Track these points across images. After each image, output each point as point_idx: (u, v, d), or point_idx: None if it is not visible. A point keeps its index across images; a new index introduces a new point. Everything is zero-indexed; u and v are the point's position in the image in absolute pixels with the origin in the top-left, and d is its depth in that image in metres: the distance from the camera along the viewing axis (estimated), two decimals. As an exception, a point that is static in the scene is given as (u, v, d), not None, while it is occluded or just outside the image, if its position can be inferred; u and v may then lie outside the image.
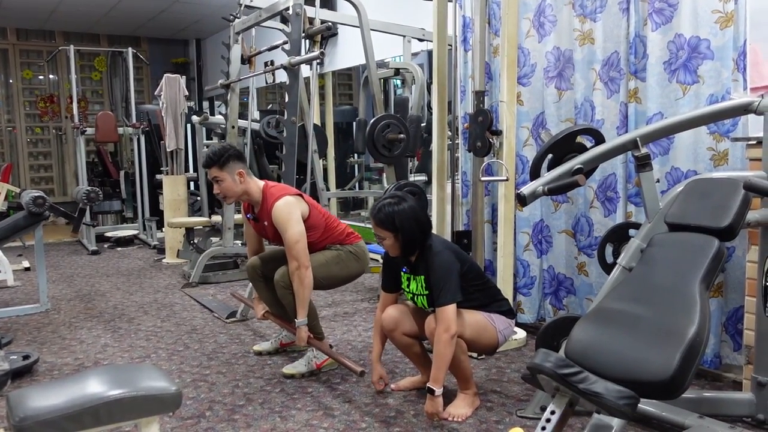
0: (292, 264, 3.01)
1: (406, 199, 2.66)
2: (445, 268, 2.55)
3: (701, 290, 1.96)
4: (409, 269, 2.74)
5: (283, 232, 3.03)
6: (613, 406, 1.71)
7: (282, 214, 3.04)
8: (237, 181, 3.10)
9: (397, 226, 2.58)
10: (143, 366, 2.06)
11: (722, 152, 2.84)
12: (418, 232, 2.61)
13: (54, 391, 1.80)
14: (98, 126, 7.65)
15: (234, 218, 5.34)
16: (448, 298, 2.50)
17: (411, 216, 2.60)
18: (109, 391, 1.75)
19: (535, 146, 3.57)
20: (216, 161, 3.07)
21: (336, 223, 3.30)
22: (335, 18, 5.31)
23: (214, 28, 10.42)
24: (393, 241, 2.62)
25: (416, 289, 2.71)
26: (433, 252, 2.60)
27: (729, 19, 2.76)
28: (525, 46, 3.54)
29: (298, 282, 3.01)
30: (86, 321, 4.24)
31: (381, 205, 2.63)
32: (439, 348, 2.49)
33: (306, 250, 3.03)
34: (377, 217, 2.62)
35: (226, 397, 2.89)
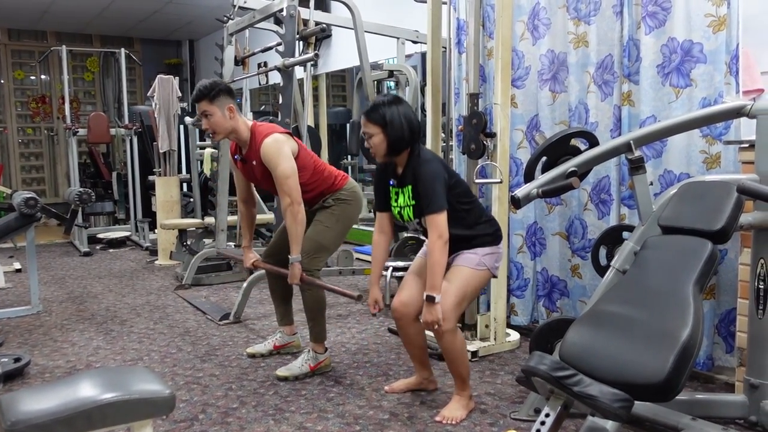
0: (285, 200, 2.98)
1: (401, 101, 2.64)
2: (434, 176, 2.53)
3: (695, 293, 1.97)
4: (396, 182, 2.70)
5: (273, 168, 2.98)
6: (608, 409, 1.71)
7: (271, 150, 2.98)
8: (227, 116, 3.02)
9: (386, 121, 2.55)
10: (136, 369, 2.04)
11: (715, 155, 2.85)
12: (407, 131, 2.58)
13: (46, 394, 1.78)
14: (90, 127, 7.62)
15: (227, 220, 5.33)
16: (438, 205, 2.50)
17: (402, 114, 2.58)
18: (102, 394, 1.74)
19: (529, 149, 3.58)
20: (206, 94, 2.98)
21: (324, 166, 3.25)
22: (329, 20, 5.31)
23: (207, 29, 10.40)
24: (381, 139, 2.58)
25: (403, 201, 2.69)
26: (421, 160, 2.59)
27: (722, 23, 2.78)
28: (519, 49, 3.55)
29: (291, 218, 2.98)
30: (78, 323, 4.22)
31: (374, 102, 2.63)
32: (434, 254, 2.49)
33: (298, 185, 3.00)
34: (369, 112, 2.61)
35: (219, 400, 2.88)
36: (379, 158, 2.68)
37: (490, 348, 3.40)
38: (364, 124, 2.64)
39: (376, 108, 2.60)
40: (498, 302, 3.41)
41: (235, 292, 4.99)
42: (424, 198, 2.53)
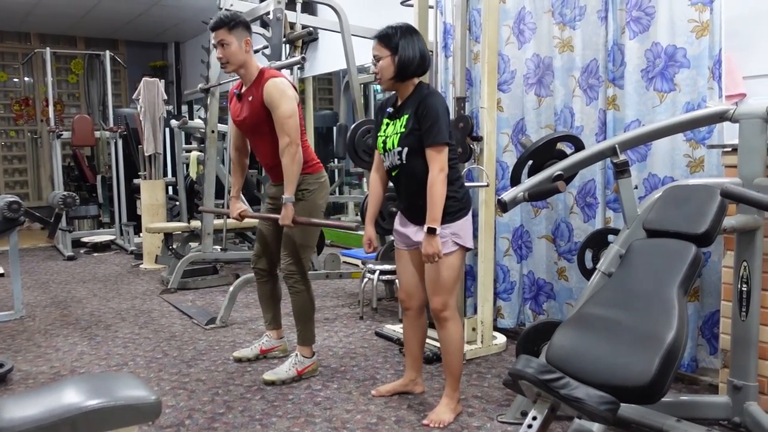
0: (284, 140, 2.95)
1: (414, 30, 2.63)
2: (442, 108, 2.52)
3: (679, 295, 1.99)
4: (394, 111, 2.66)
5: (276, 107, 2.95)
6: (594, 412, 1.72)
7: (278, 88, 2.96)
8: (242, 49, 3.01)
9: (398, 47, 2.53)
10: (121, 374, 2.03)
11: (698, 159, 2.88)
12: (418, 59, 2.55)
13: (29, 401, 1.76)
14: (75, 129, 7.55)
15: (213, 223, 5.30)
16: (442, 137, 2.48)
17: (415, 42, 2.56)
18: (86, 400, 1.71)
19: (515, 152, 3.60)
20: (226, 23, 2.96)
21: (306, 143, 3.19)
22: (316, 23, 5.29)
23: (193, 31, 10.35)
24: (389, 62, 2.55)
25: (392, 130, 2.63)
26: (430, 92, 2.57)
27: (705, 29, 2.81)
28: (505, 53, 3.57)
29: (289, 158, 2.95)
30: (62, 328, 4.18)
31: (387, 27, 2.60)
32: (436, 188, 2.46)
33: (298, 127, 2.98)
34: (381, 34, 2.58)
35: (206, 405, 2.86)
36: (383, 84, 2.63)
37: (476, 351, 3.41)
38: (374, 47, 2.61)
39: (387, 32, 2.58)
40: (485, 305, 3.42)
41: (221, 296, 4.96)
42: (429, 129, 2.48)
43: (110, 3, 8.50)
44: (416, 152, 2.54)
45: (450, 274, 2.59)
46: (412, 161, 2.56)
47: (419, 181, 2.54)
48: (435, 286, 2.61)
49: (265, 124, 3.03)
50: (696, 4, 2.82)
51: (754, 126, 2.38)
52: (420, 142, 2.52)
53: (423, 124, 2.50)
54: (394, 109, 2.66)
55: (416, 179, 2.55)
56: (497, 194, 3.51)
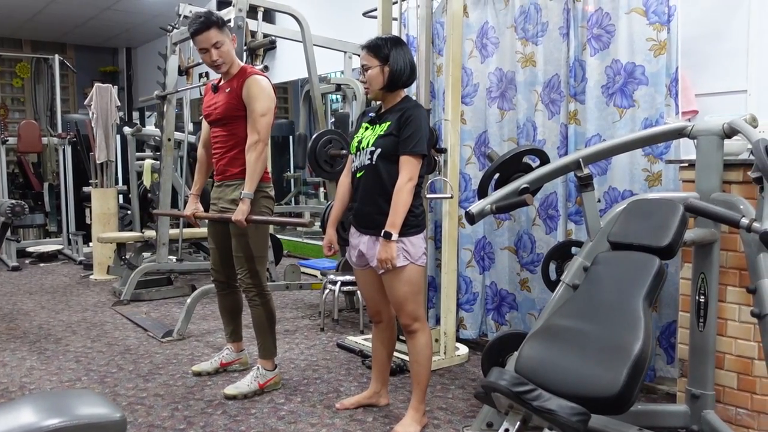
0: (253, 136, 2.90)
1: (402, 42, 2.65)
2: (424, 122, 2.56)
3: (644, 307, 2.04)
4: (374, 118, 2.66)
5: (252, 101, 2.90)
6: (566, 423, 1.74)
7: (259, 85, 2.92)
8: (232, 47, 2.97)
9: (388, 57, 2.55)
10: (81, 391, 1.95)
11: (656, 173, 2.97)
12: (408, 70, 2.59)
13: (-15, 420, 1.68)
14: (21, 135, 7.29)
15: (169, 233, 5.18)
16: (420, 148, 2.50)
17: (404, 53, 2.59)
18: (46, 420, 1.63)
19: (478, 164, 3.64)
20: (215, 22, 2.88)
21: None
22: (275, 31, 5.26)
23: (146, 37, 10.16)
24: (378, 72, 2.56)
25: (370, 132, 2.62)
26: (417, 104, 2.63)
27: (662, 47, 2.90)
28: (468, 67, 3.61)
29: (255, 155, 2.90)
30: (9, 342, 4.00)
31: (377, 38, 2.62)
32: (401, 195, 2.48)
33: (269, 128, 2.95)
34: (372, 44, 2.58)
35: (166, 421, 2.78)
36: (372, 93, 2.64)
37: (440, 362, 3.42)
38: (363, 57, 2.61)
39: (378, 43, 2.59)
40: (448, 316, 3.43)
41: (177, 307, 4.85)
42: (410, 138, 2.50)
43: (60, 6, 8.27)
44: (387, 157, 2.54)
45: (408, 289, 2.59)
46: (380, 164, 2.56)
47: (380, 186, 2.56)
48: (398, 304, 2.62)
49: (235, 117, 2.98)
50: (654, 24, 2.91)
51: (711, 142, 2.46)
52: (395, 148, 2.53)
53: (404, 131, 2.51)
54: (376, 115, 2.67)
55: (378, 183, 2.56)
56: (460, 206, 3.54)
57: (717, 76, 3.22)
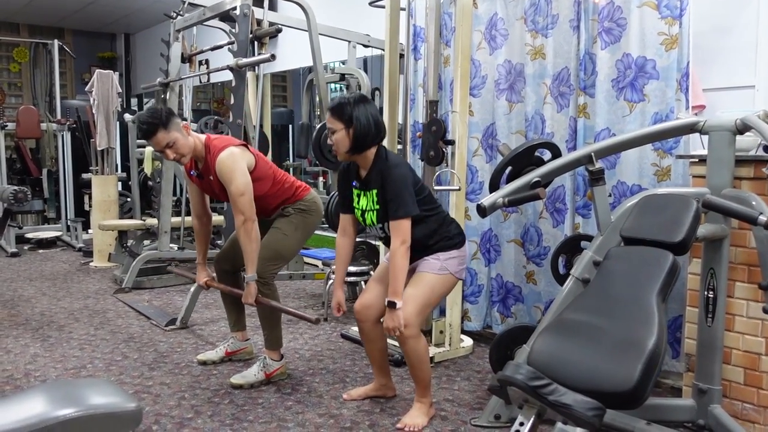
0: (238, 218, 2.91)
1: (367, 99, 2.62)
2: (402, 181, 2.52)
3: (658, 302, 2.04)
4: (360, 184, 2.68)
5: (227, 184, 2.92)
6: (582, 417, 1.74)
7: (226, 165, 2.91)
8: (186, 136, 2.95)
9: (352, 118, 2.52)
10: (97, 381, 1.95)
11: (665, 168, 2.97)
12: (373, 129, 2.55)
13: (2, 410, 1.67)
14: (20, 121, 7.24)
15: (171, 221, 5.16)
16: (405, 211, 2.50)
17: (368, 112, 2.55)
18: (64, 409, 1.64)
19: (485, 156, 3.63)
20: (159, 122, 2.86)
21: (284, 176, 3.19)
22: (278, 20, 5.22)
23: (145, 23, 10.07)
24: (343, 135, 2.54)
25: (366, 204, 2.66)
26: (389, 164, 2.56)
27: (674, 42, 2.89)
28: (476, 58, 3.59)
29: (245, 236, 2.91)
30: (11, 329, 3.99)
31: (340, 99, 2.58)
32: (396, 260, 2.49)
33: (252, 202, 2.94)
34: (334, 107, 2.56)
35: (173, 410, 2.78)
36: (340, 156, 2.63)
37: (445, 354, 3.43)
38: (328, 120, 2.59)
39: (341, 104, 2.56)
40: (453, 308, 3.43)
41: (179, 295, 4.85)
42: (391, 202, 2.51)
43: (59, -10, 8.19)
44: None
45: (427, 292, 2.59)
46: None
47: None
48: (407, 298, 2.56)
49: None
50: (666, 18, 2.90)
51: (722, 138, 2.46)
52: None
53: (387, 195, 2.53)
54: (359, 181, 2.67)
55: None
56: (467, 198, 3.54)
57: (725, 71, 3.21)
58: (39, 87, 9.24)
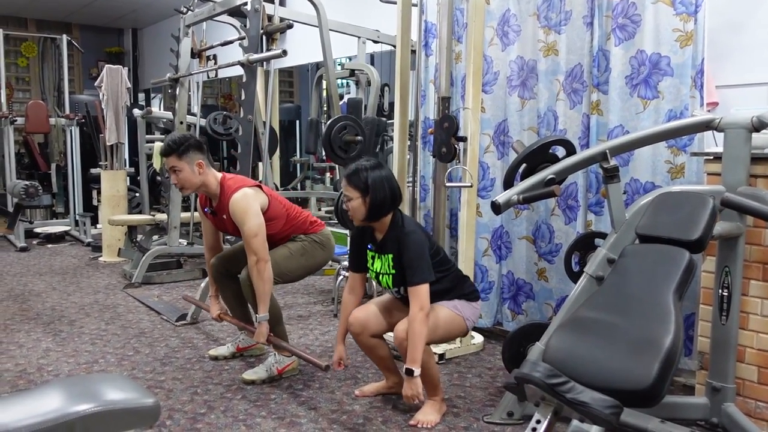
0: (251, 258, 2.92)
1: (381, 165, 2.63)
2: (419, 248, 2.53)
3: (675, 301, 2.03)
4: (375, 247, 2.69)
5: (241, 225, 2.94)
6: (600, 415, 1.74)
7: (239, 206, 2.94)
8: (195, 172, 2.99)
9: (368, 187, 2.53)
10: (113, 376, 1.95)
11: (679, 165, 2.95)
12: (389, 198, 2.57)
13: (18, 404, 1.67)
14: (29, 116, 7.25)
15: (180, 216, 5.17)
16: (423, 277, 2.51)
17: (384, 180, 2.56)
18: (82, 404, 1.63)
19: (496, 153, 3.62)
20: (175, 149, 2.95)
21: (298, 213, 3.22)
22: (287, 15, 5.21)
23: (152, 18, 10.07)
24: (360, 203, 2.56)
25: (381, 267, 2.67)
26: (405, 231, 2.57)
27: (689, 38, 2.88)
28: (488, 54, 3.58)
29: (257, 276, 2.92)
30: (23, 323, 4.01)
31: (356, 166, 2.59)
32: (415, 327, 2.48)
33: (265, 243, 2.95)
34: (350, 176, 2.57)
35: (186, 405, 2.79)
36: (356, 222, 2.65)
37: (455, 351, 3.43)
38: (344, 187, 2.61)
39: (357, 172, 2.57)
40: (464, 305, 3.43)
41: (188, 291, 4.86)
42: (409, 268, 2.52)
43: (67, -15, 8.19)
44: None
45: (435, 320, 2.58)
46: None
47: None
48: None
49: None
50: (681, 14, 2.88)
51: (739, 135, 2.44)
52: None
53: (403, 262, 2.54)
54: (374, 244, 2.69)
55: None
56: (478, 195, 3.54)
57: (738, 68, 3.19)
58: (47, 82, 9.25)
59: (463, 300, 2.68)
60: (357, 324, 2.76)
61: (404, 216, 2.67)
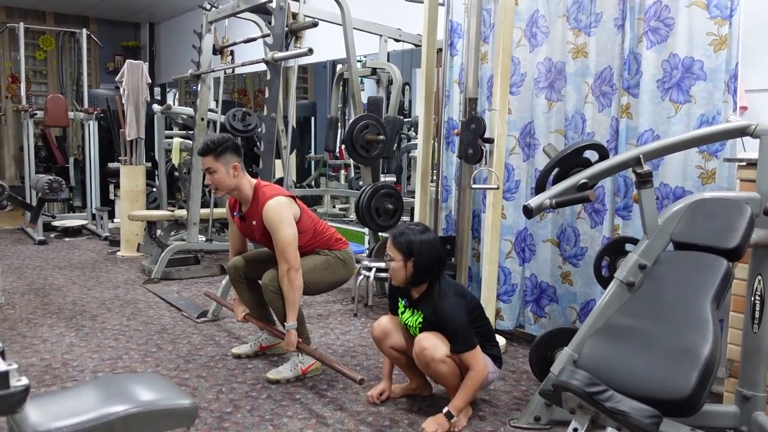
0: (283, 266, 2.93)
1: (429, 231, 2.65)
2: (459, 315, 2.54)
3: (712, 309, 2.02)
4: (408, 302, 2.71)
5: (274, 232, 2.94)
6: (639, 425, 1.73)
7: (274, 213, 2.95)
8: (231, 174, 3.00)
9: (414, 253, 2.54)
10: (150, 376, 1.96)
11: (710, 171, 2.93)
12: (435, 265, 2.58)
13: (59, 404, 1.68)
14: (48, 109, 7.28)
15: (199, 213, 5.18)
16: (470, 343, 2.53)
17: (432, 248, 2.57)
18: (123, 404, 1.64)
19: (522, 155, 3.60)
20: (213, 150, 2.97)
21: (324, 228, 3.23)
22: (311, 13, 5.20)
23: (170, 12, 10.10)
24: (401, 266, 2.57)
25: (410, 321, 2.70)
26: (441, 297, 2.56)
27: (723, 42, 2.85)
28: (515, 56, 3.56)
29: (288, 284, 2.93)
30: (45, 317, 4.03)
31: (404, 229, 2.60)
32: (473, 389, 2.55)
33: (297, 252, 2.96)
34: (398, 239, 2.57)
35: (212, 404, 2.79)
36: (396, 283, 2.66)
37: (478, 353, 3.41)
38: (388, 247, 2.60)
39: (404, 234, 2.57)
40: (487, 307, 3.40)
41: (207, 287, 4.86)
42: (454, 337, 2.53)
43: (87, -21, 8.22)
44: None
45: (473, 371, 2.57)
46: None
47: None
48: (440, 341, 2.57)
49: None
50: (715, 18, 2.85)
51: (775, 142, 2.42)
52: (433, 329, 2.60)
53: (446, 330, 2.55)
54: (408, 299, 2.70)
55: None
56: (503, 197, 3.52)
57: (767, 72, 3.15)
58: (65, 76, 9.28)
59: (489, 360, 2.68)
60: (379, 329, 2.81)
61: (442, 281, 2.62)
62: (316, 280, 3.12)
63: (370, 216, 4.34)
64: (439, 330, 2.59)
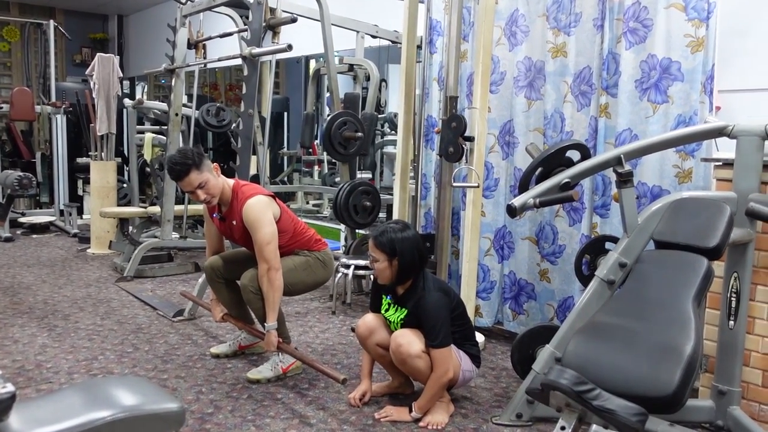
0: (263, 266, 2.90)
1: (409, 228, 2.65)
2: (441, 310, 2.57)
3: (694, 308, 2.05)
4: (393, 298, 2.73)
5: (254, 231, 2.91)
6: (626, 423, 1.75)
7: (254, 213, 2.91)
8: (216, 176, 2.95)
9: (396, 252, 2.55)
10: (135, 379, 1.91)
11: (687, 170, 2.98)
12: (417, 263, 2.60)
13: (41, 410, 1.63)
14: (13, 102, 7.10)
15: (173, 210, 5.10)
16: (443, 341, 2.55)
17: (413, 245, 2.59)
18: (107, 410, 1.60)
19: (501, 153, 3.62)
20: (193, 163, 2.85)
21: (304, 229, 3.21)
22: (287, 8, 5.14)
23: (139, 4, 9.91)
24: (386, 266, 2.58)
25: (394, 317, 2.72)
26: (425, 292, 2.59)
27: (700, 44, 2.90)
28: (495, 54, 3.57)
29: (268, 284, 2.90)
30: (15, 317, 3.93)
31: (384, 229, 2.61)
32: (435, 388, 2.58)
33: (277, 251, 2.93)
34: (379, 239, 2.58)
35: (192, 404, 2.75)
36: (381, 282, 2.67)
37: (458, 350, 3.42)
38: (371, 248, 2.61)
39: (385, 234, 2.58)
40: (467, 304, 3.42)
41: (182, 285, 4.81)
42: (431, 332, 2.55)
43: (53, -31, 8.01)
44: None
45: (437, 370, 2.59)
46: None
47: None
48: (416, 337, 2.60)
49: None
50: (693, 20, 2.90)
51: (752, 143, 2.46)
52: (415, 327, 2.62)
53: (423, 324, 2.58)
54: (393, 296, 2.72)
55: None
56: (482, 194, 3.54)
57: (741, 73, 3.22)
58: (31, 68, 9.05)
59: (468, 358, 2.71)
60: (364, 327, 2.79)
61: (427, 276, 2.66)
62: (295, 280, 3.09)
63: (348, 213, 4.33)
64: (420, 325, 2.61)
